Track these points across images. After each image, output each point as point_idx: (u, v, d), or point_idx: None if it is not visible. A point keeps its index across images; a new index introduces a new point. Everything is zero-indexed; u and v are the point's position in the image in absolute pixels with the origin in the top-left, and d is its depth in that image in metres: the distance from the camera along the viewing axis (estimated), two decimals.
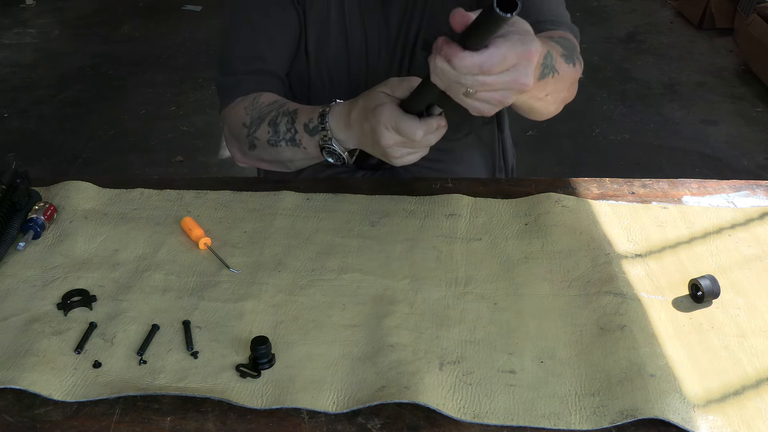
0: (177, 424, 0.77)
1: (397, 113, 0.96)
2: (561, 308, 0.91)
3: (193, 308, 0.92)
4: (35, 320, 0.89)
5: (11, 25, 4.84)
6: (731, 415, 0.76)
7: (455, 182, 1.17)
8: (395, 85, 0.99)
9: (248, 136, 1.17)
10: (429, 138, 0.97)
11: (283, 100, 1.18)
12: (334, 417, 0.77)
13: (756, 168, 3.10)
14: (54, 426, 0.77)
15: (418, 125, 0.95)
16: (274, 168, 1.21)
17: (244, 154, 1.20)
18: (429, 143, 0.98)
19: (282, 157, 1.15)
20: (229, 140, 1.24)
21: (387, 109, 0.96)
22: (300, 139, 1.10)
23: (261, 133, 1.14)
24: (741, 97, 3.70)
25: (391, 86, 0.99)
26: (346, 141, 1.06)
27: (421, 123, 0.95)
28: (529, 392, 0.79)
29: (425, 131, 0.95)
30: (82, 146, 3.37)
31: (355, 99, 1.04)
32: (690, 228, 1.05)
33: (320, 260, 1.00)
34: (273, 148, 1.14)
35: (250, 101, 1.19)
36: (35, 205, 1.07)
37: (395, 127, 0.96)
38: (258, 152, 1.17)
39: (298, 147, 1.11)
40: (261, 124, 1.15)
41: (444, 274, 0.97)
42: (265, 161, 1.19)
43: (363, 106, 1.01)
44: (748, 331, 0.87)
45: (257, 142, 1.16)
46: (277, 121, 1.13)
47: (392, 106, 0.96)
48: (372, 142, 1.00)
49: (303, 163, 1.17)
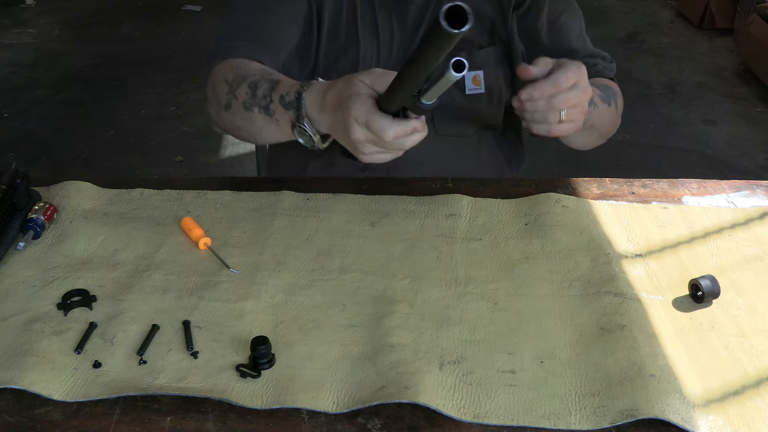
0: (177, 424, 0.77)
1: (370, 108, 0.89)
2: (561, 308, 0.91)
3: (193, 308, 0.91)
4: (35, 320, 0.89)
5: (11, 25, 4.84)
6: (731, 415, 0.76)
7: (455, 182, 1.17)
8: (376, 78, 0.92)
9: (227, 94, 1.11)
10: (401, 141, 0.90)
11: (272, 70, 1.13)
12: (334, 417, 0.77)
13: (756, 168, 3.10)
14: (54, 426, 0.77)
15: (390, 125, 0.88)
16: (243, 136, 1.16)
17: (220, 116, 1.15)
18: (401, 146, 0.91)
19: (253, 126, 1.09)
20: (210, 99, 1.18)
21: (360, 102, 0.89)
22: (274, 110, 1.04)
23: (240, 92, 1.08)
24: (741, 97, 3.70)
25: (371, 77, 0.92)
26: (319, 123, 1.00)
27: (393, 123, 0.88)
28: (529, 392, 0.79)
29: (397, 133, 0.88)
30: (82, 146, 3.37)
31: (334, 81, 0.98)
32: (690, 228, 1.05)
33: (320, 260, 1.00)
34: (246, 113, 1.08)
35: (240, 62, 1.15)
36: (35, 205, 1.07)
37: (365, 122, 0.89)
38: (232, 114, 1.11)
39: (270, 118, 1.04)
40: (242, 84, 1.09)
41: (444, 274, 0.97)
42: (236, 127, 1.13)
43: (339, 91, 0.94)
44: (748, 331, 0.87)
45: (234, 103, 1.10)
46: (257, 85, 1.07)
47: (367, 99, 0.90)
48: (342, 132, 0.94)
49: (272, 136, 1.10)
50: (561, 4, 1.31)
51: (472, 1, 1.36)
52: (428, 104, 0.85)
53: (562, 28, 1.30)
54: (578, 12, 1.34)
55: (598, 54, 1.31)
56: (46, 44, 4.56)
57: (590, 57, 1.29)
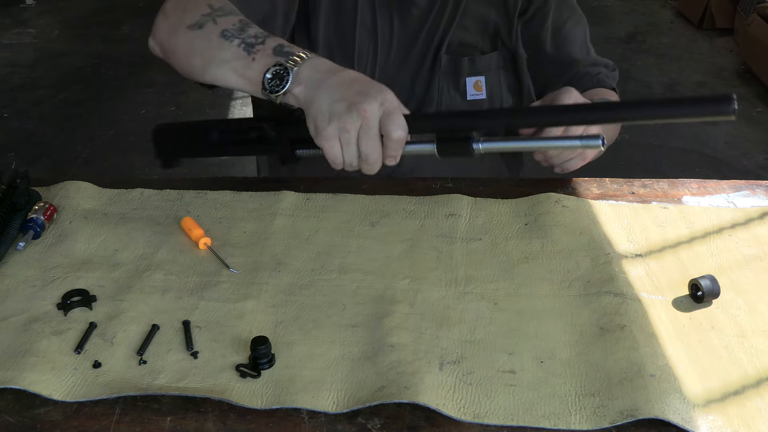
0: (177, 424, 0.77)
1: (400, 104, 0.89)
2: (561, 308, 0.91)
3: (193, 308, 0.91)
4: (35, 320, 0.89)
5: (11, 25, 4.84)
6: (731, 415, 0.76)
7: (455, 182, 1.17)
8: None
9: (205, 16, 1.02)
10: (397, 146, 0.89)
11: None
12: (334, 417, 0.77)
13: (756, 168, 3.10)
14: (54, 426, 0.77)
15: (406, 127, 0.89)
16: (187, 62, 1.05)
17: (173, 32, 1.05)
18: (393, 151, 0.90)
19: (215, 54, 1.00)
20: (168, 12, 1.08)
21: (393, 94, 0.89)
22: (258, 50, 0.97)
23: (225, 20, 1.01)
24: (741, 97, 3.69)
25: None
26: (303, 85, 0.92)
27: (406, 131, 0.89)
28: (529, 392, 0.79)
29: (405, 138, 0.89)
30: (82, 146, 3.37)
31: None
32: (690, 228, 1.05)
33: (320, 260, 1.00)
34: (219, 39, 0.99)
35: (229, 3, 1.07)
36: (35, 205, 1.07)
37: (390, 108, 0.88)
38: (194, 35, 1.02)
39: (247, 54, 0.97)
40: (231, 16, 1.02)
41: (444, 274, 0.97)
42: (190, 48, 1.03)
43: (365, 78, 0.93)
44: (748, 331, 0.87)
45: (209, 25, 1.01)
46: (250, 25, 1.00)
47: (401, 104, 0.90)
48: (340, 96, 0.89)
49: (225, 72, 1.00)
50: (566, 12, 1.31)
51: (477, 5, 1.37)
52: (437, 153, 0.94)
53: (566, 35, 1.30)
54: (583, 20, 1.33)
55: (601, 62, 1.30)
56: (46, 44, 4.56)
57: (593, 65, 1.29)
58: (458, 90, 1.31)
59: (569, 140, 0.97)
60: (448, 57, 1.28)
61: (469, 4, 1.26)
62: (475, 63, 1.30)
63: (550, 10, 1.28)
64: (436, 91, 1.31)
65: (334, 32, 1.26)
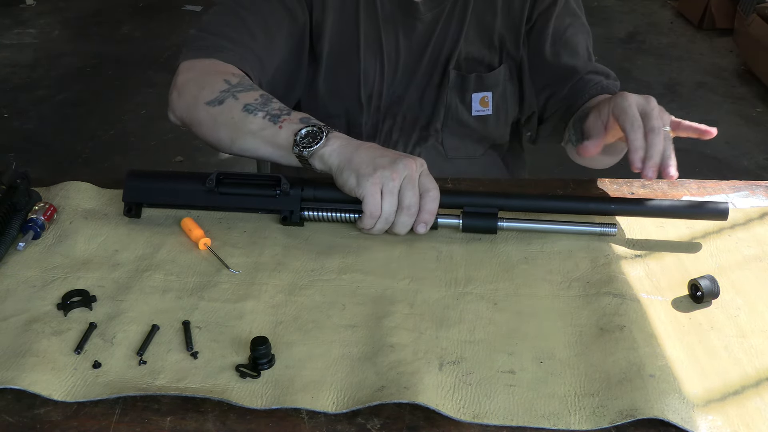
0: (177, 424, 0.77)
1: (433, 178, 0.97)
2: (560, 309, 0.91)
3: (193, 308, 0.92)
4: (35, 320, 0.89)
5: (11, 25, 4.84)
6: (731, 415, 0.76)
7: (455, 182, 1.17)
8: None
9: (223, 91, 1.06)
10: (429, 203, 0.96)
11: None
12: (334, 417, 0.77)
13: (756, 168, 3.10)
14: (54, 426, 0.77)
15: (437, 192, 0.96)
16: (212, 135, 1.08)
17: (194, 106, 1.08)
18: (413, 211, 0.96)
19: (241, 126, 1.03)
20: (183, 86, 1.11)
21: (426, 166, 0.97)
22: (285, 119, 1.01)
23: (245, 95, 1.04)
24: (741, 97, 3.70)
25: None
26: (336, 146, 0.97)
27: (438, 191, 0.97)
28: (529, 392, 0.79)
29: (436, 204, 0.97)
30: (82, 146, 3.37)
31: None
32: (690, 228, 1.05)
33: (320, 260, 1.00)
34: (242, 114, 1.03)
35: (247, 76, 1.11)
36: (35, 205, 1.07)
37: (427, 169, 0.96)
38: (216, 110, 1.05)
39: (273, 124, 1.01)
40: (251, 91, 1.05)
41: (444, 275, 0.97)
42: (214, 121, 1.06)
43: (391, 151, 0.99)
44: (748, 331, 0.87)
45: (229, 101, 1.04)
46: (272, 100, 1.04)
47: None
48: (380, 154, 0.96)
49: (252, 142, 1.04)
50: (568, 18, 1.29)
51: (482, 16, 1.36)
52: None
53: (566, 42, 1.28)
54: (585, 27, 1.32)
55: (602, 71, 1.28)
56: (46, 44, 4.56)
57: (594, 73, 1.27)
58: (465, 105, 1.30)
59: (588, 226, 1.02)
60: (456, 72, 1.28)
61: (475, 16, 1.25)
62: (482, 80, 1.29)
63: (552, 16, 1.27)
64: (443, 107, 1.30)
65: (339, 53, 1.25)
